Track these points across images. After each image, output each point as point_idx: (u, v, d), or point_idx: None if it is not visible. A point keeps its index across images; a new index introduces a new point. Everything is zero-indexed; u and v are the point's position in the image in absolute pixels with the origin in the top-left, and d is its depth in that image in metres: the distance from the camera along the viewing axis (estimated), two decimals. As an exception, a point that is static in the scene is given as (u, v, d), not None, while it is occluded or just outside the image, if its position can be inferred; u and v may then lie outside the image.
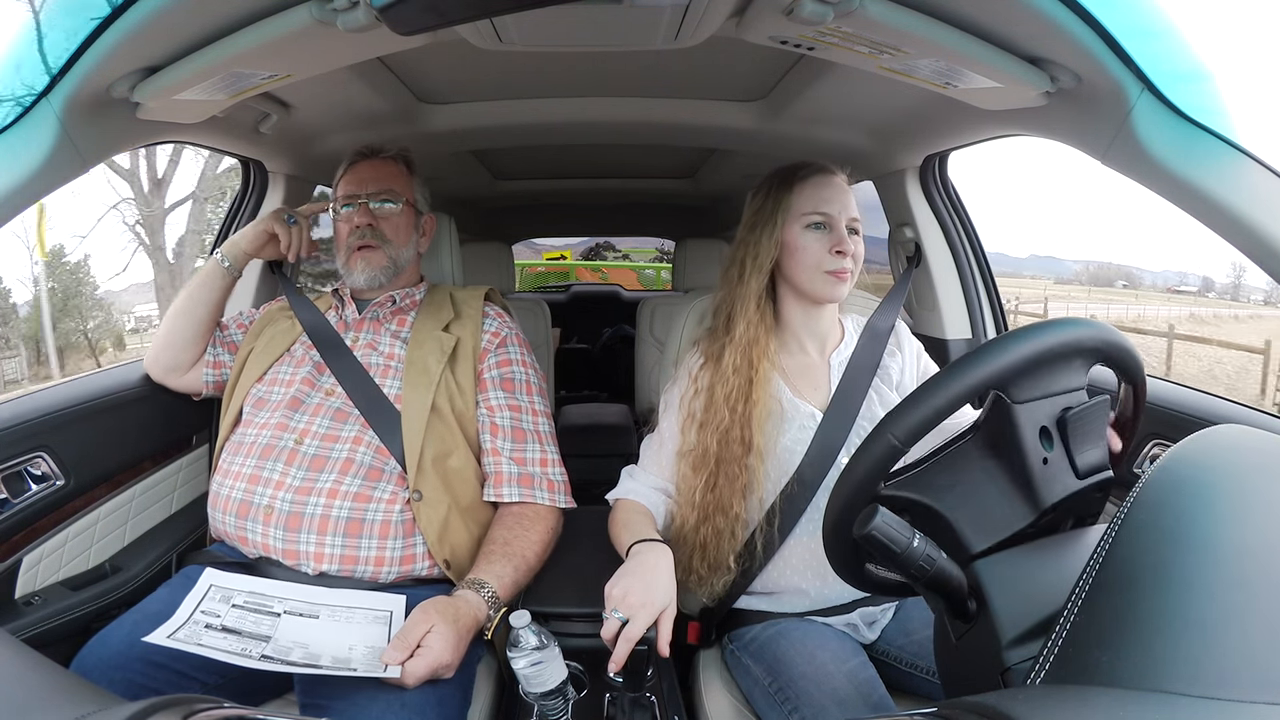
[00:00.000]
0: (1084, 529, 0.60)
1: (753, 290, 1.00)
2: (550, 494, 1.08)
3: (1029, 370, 0.59)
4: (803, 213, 0.99)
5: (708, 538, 0.95)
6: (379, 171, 1.20)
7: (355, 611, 0.89)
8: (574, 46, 0.94)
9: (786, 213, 1.00)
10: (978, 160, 13.82)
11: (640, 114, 1.42)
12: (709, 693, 0.98)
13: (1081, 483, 0.61)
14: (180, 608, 0.84)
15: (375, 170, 1.20)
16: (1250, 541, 0.38)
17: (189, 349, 1.20)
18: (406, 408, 1.04)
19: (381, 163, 1.22)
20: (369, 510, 0.97)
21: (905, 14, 0.70)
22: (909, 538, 0.53)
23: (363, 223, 1.16)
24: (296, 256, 1.22)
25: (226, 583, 0.90)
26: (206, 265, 1.19)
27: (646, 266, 5.95)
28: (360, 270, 1.16)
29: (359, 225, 1.16)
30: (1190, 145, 0.68)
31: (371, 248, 1.16)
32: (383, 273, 1.17)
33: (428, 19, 0.64)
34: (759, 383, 0.96)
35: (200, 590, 0.88)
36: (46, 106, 0.70)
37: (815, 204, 0.98)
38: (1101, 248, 76.91)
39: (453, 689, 0.86)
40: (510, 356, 1.17)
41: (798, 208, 0.99)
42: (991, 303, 1.48)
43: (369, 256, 1.16)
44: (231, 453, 1.05)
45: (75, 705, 0.38)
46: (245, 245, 1.17)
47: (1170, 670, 0.33)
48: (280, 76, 0.85)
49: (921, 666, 0.94)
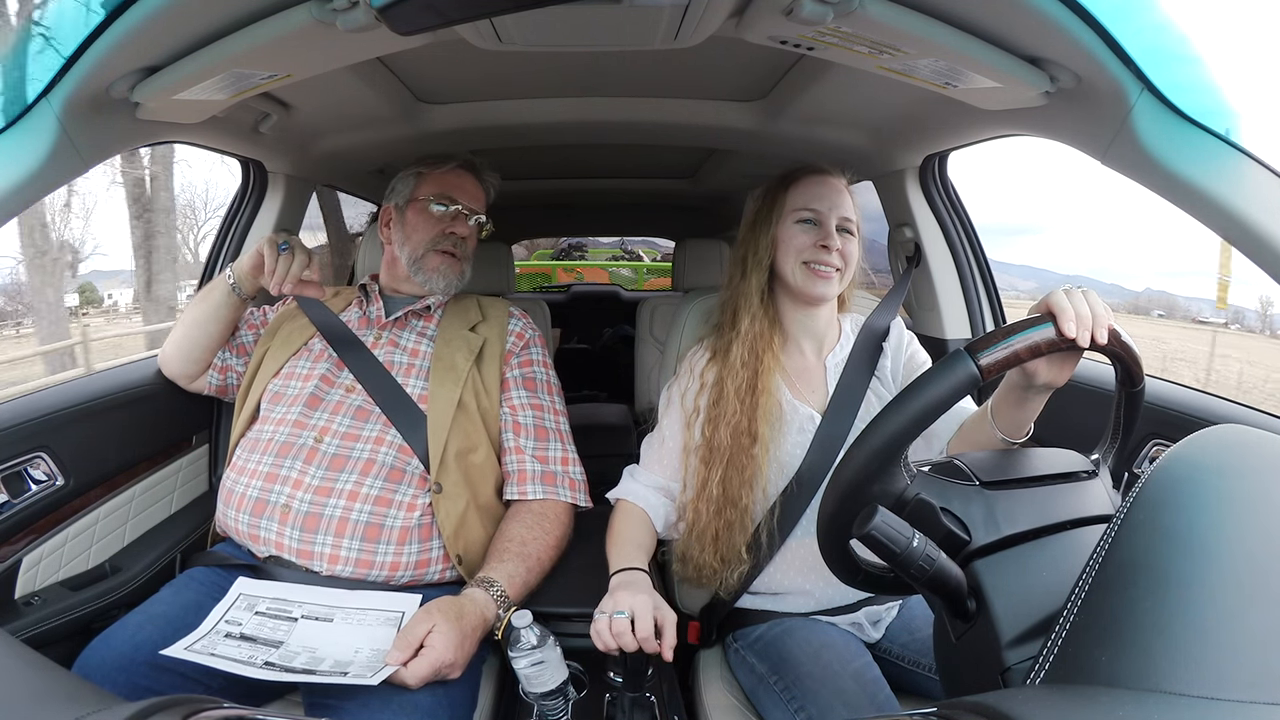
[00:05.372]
0: (1084, 529, 0.60)
1: (754, 286, 1.03)
2: (572, 492, 1.09)
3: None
4: (794, 209, 1.02)
5: (720, 530, 0.96)
6: (476, 189, 1.24)
7: (368, 613, 0.89)
8: (574, 46, 0.94)
9: (781, 210, 1.03)
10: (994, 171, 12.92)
11: (640, 114, 1.42)
12: (709, 692, 0.98)
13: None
14: (207, 618, 0.85)
15: (474, 187, 1.24)
16: (1250, 541, 0.38)
17: (198, 361, 1.20)
18: (433, 402, 1.04)
19: (478, 182, 1.25)
20: (389, 516, 0.97)
21: (905, 14, 0.70)
22: (909, 537, 0.53)
23: (461, 232, 1.20)
24: (280, 289, 1.06)
25: (254, 590, 0.91)
26: (216, 282, 1.16)
27: (609, 265, 6.15)
28: (439, 274, 1.18)
29: (453, 232, 1.19)
30: (1190, 145, 0.68)
31: (459, 258, 1.19)
32: (457, 282, 1.20)
33: (428, 19, 0.64)
34: (764, 373, 0.99)
35: (229, 599, 0.89)
36: (46, 106, 0.70)
37: (806, 200, 1.02)
38: (1141, 272, 76.31)
39: (462, 690, 0.86)
40: (533, 357, 1.18)
41: (790, 204, 1.03)
42: (991, 302, 1.49)
43: (452, 265, 1.19)
44: (247, 449, 1.05)
45: (75, 705, 0.38)
46: (246, 265, 1.13)
47: (1170, 670, 0.33)
48: (280, 76, 0.85)
49: (924, 664, 0.94)
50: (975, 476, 0.61)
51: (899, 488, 0.60)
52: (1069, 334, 0.59)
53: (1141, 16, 0.67)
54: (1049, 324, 0.60)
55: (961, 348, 0.59)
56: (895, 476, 0.60)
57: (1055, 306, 0.61)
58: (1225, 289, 10.81)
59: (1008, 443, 0.74)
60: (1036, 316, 0.62)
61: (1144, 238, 72.83)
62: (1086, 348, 0.61)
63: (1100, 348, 0.61)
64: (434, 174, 1.22)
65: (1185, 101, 0.67)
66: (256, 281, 1.11)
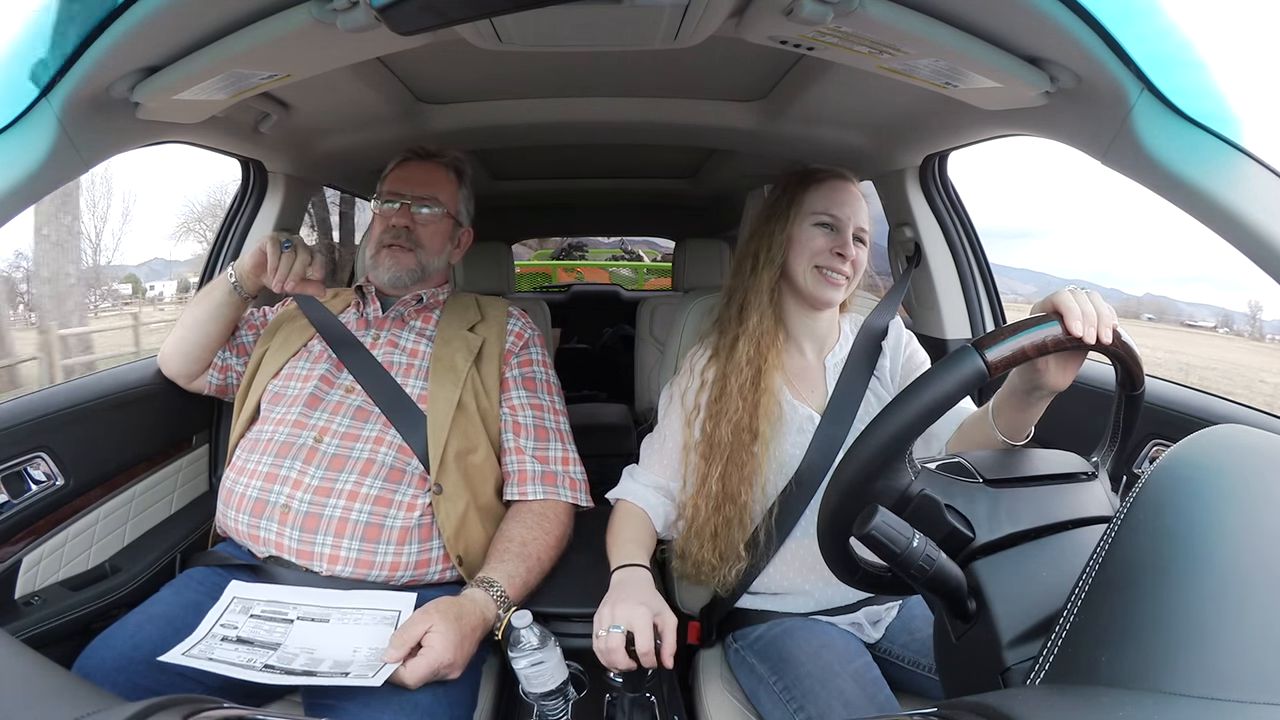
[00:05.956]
0: (1084, 529, 0.60)
1: (765, 283, 1.02)
2: (572, 492, 1.09)
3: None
4: (813, 211, 1.01)
5: (719, 527, 0.96)
6: (428, 175, 1.20)
7: (365, 613, 0.89)
8: (574, 46, 0.94)
9: (799, 209, 1.02)
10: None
11: (640, 114, 1.42)
12: (709, 692, 0.98)
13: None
14: (202, 623, 0.84)
15: (425, 173, 1.20)
16: (1250, 541, 0.38)
17: (198, 361, 1.19)
18: (433, 403, 1.04)
19: (433, 166, 1.21)
20: (388, 517, 0.97)
21: (905, 14, 0.70)
22: (909, 538, 0.53)
23: (400, 223, 1.16)
24: (282, 287, 1.06)
25: (248, 593, 0.90)
26: (217, 281, 1.15)
27: (609, 265, 6.19)
28: (386, 268, 1.16)
29: (395, 224, 1.16)
30: (1190, 145, 0.67)
31: (402, 249, 1.16)
32: (407, 275, 1.17)
33: (428, 19, 0.64)
34: (767, 371, 0.99)
35: (223, 603, 0.88)
36: (46, 106, 0.70)
37: (827, 205, 1.01)
38: (1141, 277, 75.32)
39: (462, 691, 0.86)
40: (532, 357, 1.18)
41: (810, 206, 1.02)
42: (991, 302, 1.49)
43: (397, 257, 1.16)
44: (247, 449, 1.05)
45: (75, 705, 0.38)
46: (247, 264, 1.13)
47: (1170, 670, 0.33)
48: (280, 76, 0.85)
49: (924, 665, 0.94)
50: (979, 474, 0.61)
51: (903, 484, 0.60)
52: (1075, 332, 0.59)
53: (1142, 16, 0.67)
54: (1055, 322, 0.60)
55: (968, 344, 0.59)
56: (899, 472, 0.60)
57: (1061, 305, 0.61)
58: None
59: (1008, 444, 0.74)
60: (1041, 315, 0.62)
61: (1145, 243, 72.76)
62: (1092, 346, 0.61)
63: (1104, 348, 0.61)
64: (389, 174, 1.22)
65: (1185, 101, 0.67)
66: (258, 280, 1.11)
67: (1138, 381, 0.64)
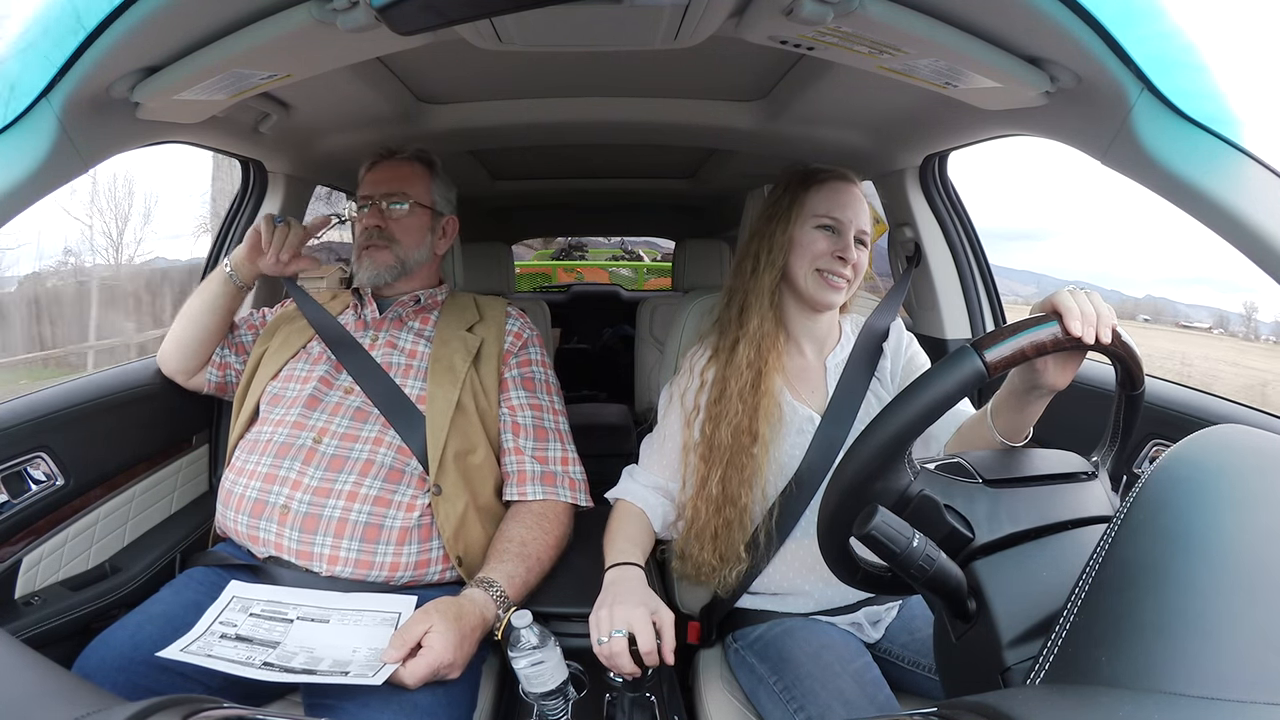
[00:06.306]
0: (1084, 529, 0.60)
1: (766, 284, 1.02)
2: (572, 492, 1.09)
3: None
4: (815, 213, 1.01)
5: (719, 528, 0.96)
6: (393, 172, 1.21)
7: (364, 614, 0.89)
8: (573, 46, 0.94)
9: (801, 211, 1.02)
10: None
11: (640, 114, 1.42)
12: (709, 692, 0.98)
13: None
14: (201, 620, 0.84)
15: (390, 171, 1.21)
16: (1250, 541, 0.38)
17: (196, 356, 1.20)
18: (432, 403, 1.04)
19: (397, 163, 1.22)
20: (388, 517, 0.97)
21: (905, 14, 0.70)
22: (909, 538, 0.53)
23: (371, 224, 1.17)
24: (277, 259, 1.11)
25: (247, 593, 0.90)
26: (213, 273, 1.17)
27: (609, 265, 6.18)
28: (366, 268, 1.17)
29: (368, 225, 1.17)
30: (1190, 145, 0.67)
31: (377, 247, 1.17)
32: (387, 272, 1.17)
33: (428, 19, 0.64)
34: (767, 374, 0.99)
35: (222, 602, 0.88)
36: (46, 106, 0.70)
37: (829, 207, 1.01)
38: (1142, 279, 75.54)
39: (462, 691, 0.86)
40: (531, 357, 1.18)
41: (812, 208, 1.01)
42: (991, 302, 1.49)
43: (375, 255, 1.16)
44: (246, 450, 1.05)
45: (75, 705, 0.38)
46: (242, 250, 1.14)
47: (1170, 670, 0.33)
48: (280, 76, 0.85)
49: (924, 665, 0.94)
50: (979, 474, 0.61)
51: (902, 484, 0.59)
52: (1075, 332, 0.59)
53: (1142, 16, 0.67)
54: (1054, 322, 0.60)
55: (968, 344, 0.59)
56: (899, 473, 0.59)
57: (1061, 305, 0.61)
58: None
59: (1007, 445, 0.74)
60: (1041, 315, 0.62)
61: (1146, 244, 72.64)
62: (1092, 346, 0.61)
63: (1104, 348, 0.61)
64: (361, 180, 1.23)
65: (1186, 101, 0.67)
66: (254, 268, 1.13)
67: (1138, 381, 0.64)
